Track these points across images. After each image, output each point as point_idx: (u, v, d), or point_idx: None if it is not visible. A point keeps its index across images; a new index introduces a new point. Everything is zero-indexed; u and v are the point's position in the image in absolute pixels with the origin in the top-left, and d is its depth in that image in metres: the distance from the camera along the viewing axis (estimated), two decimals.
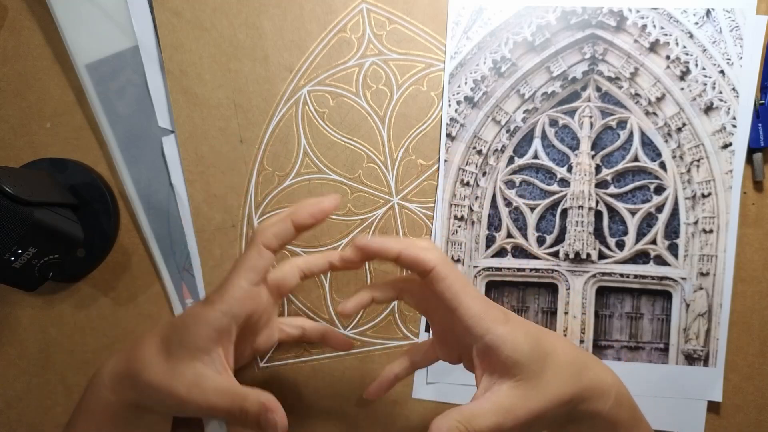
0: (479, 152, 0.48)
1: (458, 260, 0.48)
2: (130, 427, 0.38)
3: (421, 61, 0.48)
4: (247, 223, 0.49)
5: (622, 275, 0.48)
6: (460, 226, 0.48)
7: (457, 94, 0.48)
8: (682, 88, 0.46)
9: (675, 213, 0.47)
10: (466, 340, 0.35)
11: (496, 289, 0.48)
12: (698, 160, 0.47)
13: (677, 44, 0.46)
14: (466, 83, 0.48)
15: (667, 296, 0.47)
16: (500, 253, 0.48)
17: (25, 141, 0.50)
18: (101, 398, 0.37)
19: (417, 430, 0.49)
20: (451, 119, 0.48)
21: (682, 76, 0.46)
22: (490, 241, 0.48)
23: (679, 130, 0.47)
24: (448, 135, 0.48)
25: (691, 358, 0.47)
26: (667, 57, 0.46)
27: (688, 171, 0.47)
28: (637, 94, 0.47)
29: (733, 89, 0.46)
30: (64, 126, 0.50)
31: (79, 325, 0.50)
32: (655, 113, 0.47)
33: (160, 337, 0.37)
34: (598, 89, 0.47)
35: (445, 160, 0.48)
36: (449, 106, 0.48)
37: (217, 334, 0.35)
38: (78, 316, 0.50)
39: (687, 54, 0.46)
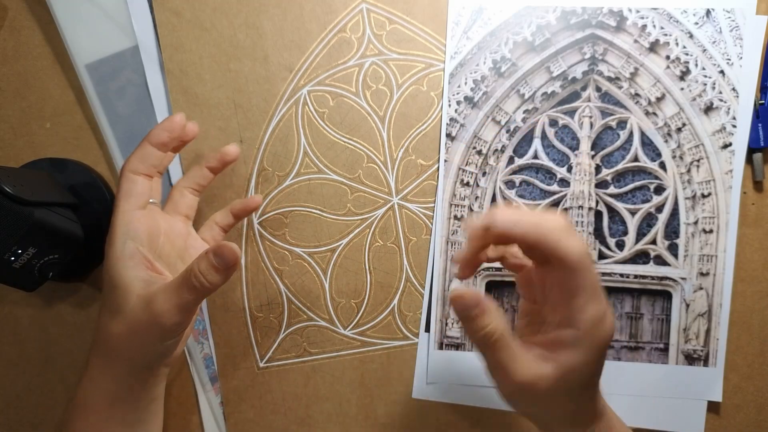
0: (479, 152, 0.48)
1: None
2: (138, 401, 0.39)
3: (421, 61, 0.48)
4: (246, 224, 0.49)
5: (622, 275, 0.48)
6: (460, 226, 0.48)
7: (457, 94, 0.48)
8: (682, 88, 0.46)
9: (675, 213, 0.47)
10: (563, 319, 0.33)
11: (496, 289, 0.48)
12: (698, 160, 0.47)
13: (677, 44, 0.46)
14: (466, 83, 0.48)
15: (667, 296, 0.47)
16: None
17: (25, 141, 0.50)
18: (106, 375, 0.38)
19: (417, 430, 0.49)
20: (451, 119, 0.48)
21: (682, 76, 0.46)
22: None
23: (679, 130, 0.47)
24: (448, 135, 0.48)
25: (691, 358, 0.47)
26: (667, 57, 0.46)
27: (688, 171, 0.47)
28: (637, 94, 0.47)
29: (733, 89, 0.46)
30: (64, 126, 0.50)
31: (79, 325, 0.50)
32: (655, 113, 0.47)
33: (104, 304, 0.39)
34: (598, 89, 0.47)
35: (445, 160, 0.48)
36: (449, 106, 0.48)
37: (129, 258, 0.37)
38: (78, 316, 0.50)
39: (687, 54, 0.46)
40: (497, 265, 0.48)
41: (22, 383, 0.51)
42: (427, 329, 0.49)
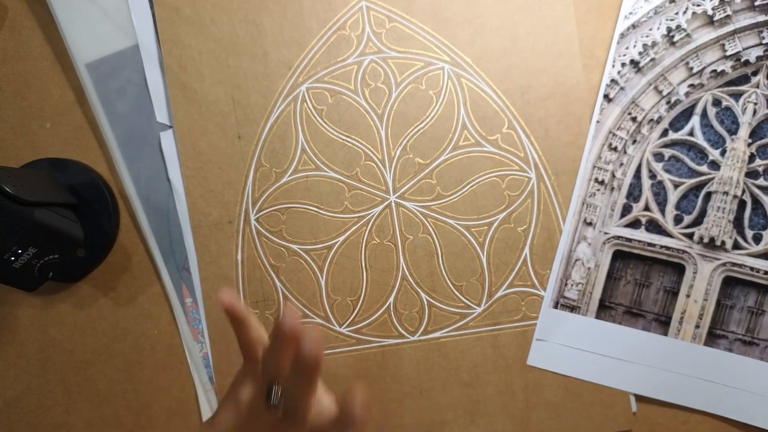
0: (634, 119, 0.47)
1: (590, 223, 0.47)
2: None
3: (420, 59, 0.48)
4: (243, 220, 0.49)
5: (752, 269, 0.46)
6: (599, 190, 0.47)
7: (624, 56, 0.46)
8: None
9: None
10: None
11: (622, 259, 0.47)
12: None
13: None
14: (635, 46, 0.46)
15: None
16: (634, 224, 0.47)
17: (25, 141, 0.50)
18: None
19: (412, 427, 0.48)
20: (612, 80, 0.47)
21: None
22: (626, 210, 0.47)
23: None
24: (606, 96, 0.47)
25: None
26: None
27: None
28: None
29: None
30: (64, 126, 0.50)
31: (79, 325, 0.50)
32: None
33: None
34: None
35: (598, 121, 0.47)
36: (612, 66, 0.46)
37: None
38: (78, 316, 0.50)
39: None
40: (628, 235, 0.47)
41: (22, 383, 0.51)
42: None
